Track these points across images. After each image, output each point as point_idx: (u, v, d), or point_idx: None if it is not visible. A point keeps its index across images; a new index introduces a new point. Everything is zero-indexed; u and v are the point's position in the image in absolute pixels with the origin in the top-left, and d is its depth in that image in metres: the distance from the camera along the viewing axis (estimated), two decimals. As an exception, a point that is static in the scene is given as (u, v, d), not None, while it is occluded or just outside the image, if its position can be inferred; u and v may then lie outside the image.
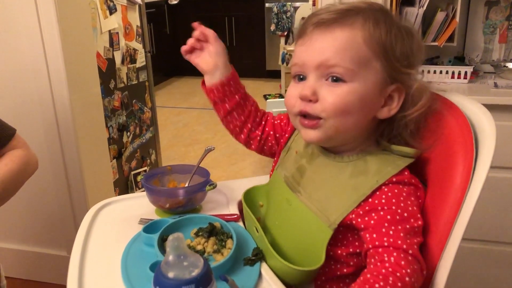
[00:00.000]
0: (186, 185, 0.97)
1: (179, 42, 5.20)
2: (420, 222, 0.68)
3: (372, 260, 0.65)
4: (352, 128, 0.71)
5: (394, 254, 0.63)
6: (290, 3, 5.16)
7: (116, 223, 0.91)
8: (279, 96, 4.68)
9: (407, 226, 0.66)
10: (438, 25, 1.70)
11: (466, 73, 1.70)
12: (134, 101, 2.41)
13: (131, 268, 0.75)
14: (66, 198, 1.83)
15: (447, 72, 1.71)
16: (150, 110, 2.61)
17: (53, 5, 1.58)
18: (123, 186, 2.34)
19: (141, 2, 2.41)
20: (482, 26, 1.84)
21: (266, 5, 5.41)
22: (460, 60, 1.85)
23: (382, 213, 0.67)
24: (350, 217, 0.70)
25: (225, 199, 0.99)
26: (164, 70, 5.67)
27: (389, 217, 0.67)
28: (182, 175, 1.01)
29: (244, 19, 5.57)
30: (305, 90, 0.70)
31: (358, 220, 0.69)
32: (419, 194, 0.72)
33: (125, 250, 0.80)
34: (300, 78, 0.74)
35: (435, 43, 1.73)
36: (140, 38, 2.43)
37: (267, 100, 3.56)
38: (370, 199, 0.69)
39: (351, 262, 0.73)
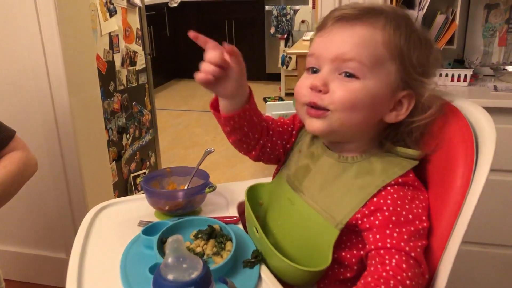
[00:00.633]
0: (186, 187, 0.97)
1: (179, 44, 5.16)
2: (425, 224, 0.68)
3: (373, 261, 0.65)
4: (357, 125, 0.71)
5: (396, 256, 0.63)
6: (289, 6, 5.18)
7: (115, 225, 0.91)
8: (279, 98, 4.68)
9: (412, 228, 0.66)
10: (438, 27, 1.71)
11: (465, 76, 1.70)
12: (133, 103, 2.41)
13: (130, 270, 0.75)
14: (65, 200, 1.83)
15: (447, 75, 1.71)
16: (150, 113, 2.61)
17: (53, 7, 1.58)
18: (123, 188, 2.34)
19: (141, 5, 2.41)
20: (481, 29, 1.84)
21: (266, 8, 5.42)
22: (459, 63, 1.85)
23: (387, 213, 0.67)
24: (356, 216, 0.69)
25: (224, 202, 0.99)
26: (164, 72, 5.67)
27: (393, 218, 0.66)
28: (181, 178, 1.01)
29: (244, 22, 5.58)
30: (316, 80, 0.70)
31: (364, 220, 0.69)
32: (425, 197, 0.71)
33: (124, 252, 0.80)
34: (313, 70, 0.74)
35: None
36: (140, 41, 2.43)
37: (267, 103, 3.56)
38: (375, 199, 0.69)
39: (355, 266, 0.73)
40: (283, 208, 0.81)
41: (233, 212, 0.94)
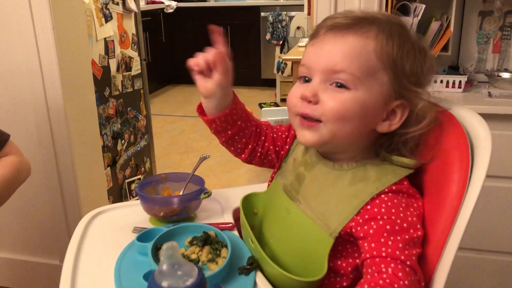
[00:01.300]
0: (181, 193, 0.97)
1: (175, 50, 5.17)
2: (419, 233, 0.67)
3: (369, 270, 0.65)
4: (349, 135, 0.71)
5: (392, 265, 0.63)
6: (285, 13, 5.20)
7: (109, 232, 0.91)
8: (274, 104, 4.69)
9: (406, 236, 0.66)
10: (433, 34, 1.72)
11: (460, 82, 1.71)
12: (129, 109, 2.40)
13: (125, 277, 0.75)
14: (59, 206, 1.82)
15: (442, 81, 1.72)
16: (145, 118, 2.60)
17: (48, 12, 1.58)
18: (117, 194, 2.32)
19: (137, 10, 2.41)
20: (476, 36, 1.86)
21: (262, 14, 5.45)
22: (454, 69, 1.87)
23: (381, 222, 0.67)
24: (350, 225, 0.69)
25: (220, 208, 0.98)
26: (159, 78, 5.67)
27: (388, 227, 0.66)
28: (176, 183, 1.00)
29: (239, 28, 5.59)
30: (306, 91, 0.70)
31: (357, 228, 0.68)
32: (419, 205, 0.71)
33: (118, 258, 0.79)
34: (305, 79, 0.74)
35: (430, 53, 1.74)
36: (135, 46, 2.43)
37: (262, 108, 3.56)
38: (369, 207, 0.69)
39: (351, 275, 0.72)
40: (280, 217, 0.80)
41: (228, 218, 0.94)
